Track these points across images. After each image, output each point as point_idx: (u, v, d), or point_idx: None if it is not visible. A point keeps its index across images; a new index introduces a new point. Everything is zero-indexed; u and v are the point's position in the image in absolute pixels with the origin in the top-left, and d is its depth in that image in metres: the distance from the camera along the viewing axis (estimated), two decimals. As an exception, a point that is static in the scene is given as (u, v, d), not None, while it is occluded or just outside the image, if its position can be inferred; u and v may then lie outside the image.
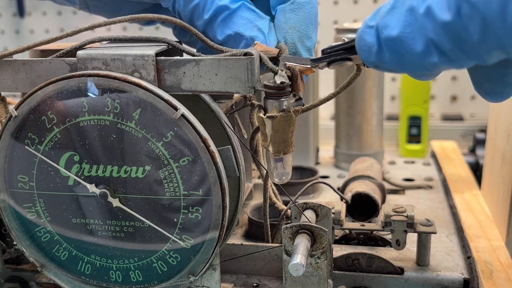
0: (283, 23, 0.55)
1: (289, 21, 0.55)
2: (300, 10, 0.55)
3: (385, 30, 0.42)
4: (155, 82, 0.51)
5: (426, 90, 1.15)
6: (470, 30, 0.38)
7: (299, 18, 0.55)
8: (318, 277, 0.55)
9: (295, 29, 0.55)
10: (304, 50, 0.56)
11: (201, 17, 0.56)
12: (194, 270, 0.55)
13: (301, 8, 0.55)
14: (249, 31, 0.55)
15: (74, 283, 0.59)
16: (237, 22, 0.55)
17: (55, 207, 0.56)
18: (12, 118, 0.53)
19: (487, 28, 0.37)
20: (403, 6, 0.42)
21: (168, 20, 0.54)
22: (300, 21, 0.55)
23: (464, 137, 1.28)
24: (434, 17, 0.39)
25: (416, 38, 0.41)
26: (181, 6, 0.57)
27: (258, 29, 0.55)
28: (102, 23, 0.54)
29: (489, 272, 0.66)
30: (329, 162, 1.13)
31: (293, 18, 0.55)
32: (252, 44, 0.53)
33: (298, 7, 0.55)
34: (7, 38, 1.65)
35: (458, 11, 0.38)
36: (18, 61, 0.54)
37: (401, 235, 0.64)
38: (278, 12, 0.56)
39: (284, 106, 0.51)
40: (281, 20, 0.56)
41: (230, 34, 0.55)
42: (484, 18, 0.37)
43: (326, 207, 0.61)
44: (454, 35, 0.39)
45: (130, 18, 0.54)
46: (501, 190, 0.78)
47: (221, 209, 0.52)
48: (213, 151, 0.51)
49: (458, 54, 0.40)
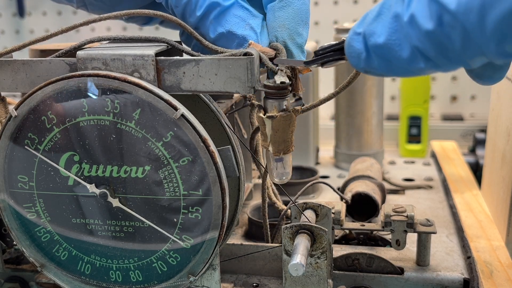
0: (273, 22, 0.55)
1: (278, 19, 0.55)
2: (289, 8, 0.55)
3: (372, 37, 0.43)
4: (155, 82, 0.51)
5: (426, 90, 1.15)
6: (452, 38, 0.38)
7: (288, 16, 0.55)
8: (318, 277, 0.55)
9: (284, 27, 0.55)
10: (295, 48, 0.55)
11: (193, 14, 0.56)
12: (194, 270, 0.55)
13: (290, 6, 0.55)
14: (241, 29, 0.54)
15: (74, 283, 0.59)
16: (230, 20, 0.55)
17: (55, 207, 0.56)
18: (12, 118, 0.53)
19: (468, 36, 0.37)
20: (388, 13, 0.42)
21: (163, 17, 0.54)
22: (289, 19, 0.55)
23: (464, 137, 1.28)
24: (418, 25, 0.39)
25: (402, 45, 0.41)
26: (173, 1, 0.57)
27: (251, 28, 0.55)
28: (97, 19, 0.53)
29: (489, 272, 0.66)
30: (329, 162, 1.13)
31: (282, 16, 0.55)
32: (247, 44, 0.53)
33: (287, 4, 0.55)
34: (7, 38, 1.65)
35: (440, 20, 0.38)
36: (18, 61, 0.54)
37: (401, 235, 0.64)
38: (268, 11, 0.56)
39: (284, 106, 0.51)
40: (270, 18, 0.55)
41: (223, 32, 0.55)
42: (464, 27, 0.37)
43: (326, 207, 0.61)
44: (437, 43, 0.39)
45: (125, 13, 0.54)
46: (501, 190, 0.78)
47: (221, 209, 0.52)
48: (213, 151, 0.51)
49: (442, 61, 0.40)
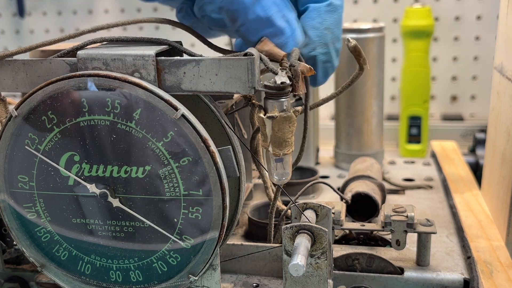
0: (318, 23, 0.56)
1: (325, 22, 0.56)
2: (335, 13, 0.56)
3: None
4: (155, 82, 0.51)
5: (426, 90, 1.15)
6: None
7: (333, 21, 0.56)
8: (318, 277, 0.55)
9: (329, 30, 0.56)
10: (334, 52, 0.57)
11: None
12: (194, 270, 0.55)
13: (336, 11, 0.56)
14: (279, 20, 0.53)
15: (74, 283, 0.59)
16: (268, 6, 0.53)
17: (55, 207, 0.56)
18: (12, 118, 0.53)
19: None
20: None
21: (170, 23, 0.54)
22: (334, 23, 0.56)
23: (464, 137, 1.28)
24: None
25: None
26: None
27: (287, 21, 0.53)
28: (105, 26, 0.54)
29: (489, 272, 0.66)
30: (329, 162, 1.13)
31: (328, 19, 0.56)
32: (261, 40, 0.53)
33: (333, 9, 0.56)
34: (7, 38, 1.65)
35: None
36: (18, 61, 0.54)
37: (401, 235, 0.64)
38: (312, 11, 0.56)
39: (284, 106, 0.51)
40: (316, 19, 0.56)
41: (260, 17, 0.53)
42: None
43: (326, 207, 0.61)
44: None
45: (133, 21, 0.55)
46: (501, 190, 0.78)
47: (221, 209, 0.52)
48: (213, 151, 0.51)
49: None
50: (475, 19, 1.28)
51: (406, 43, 1.13)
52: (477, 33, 1.28)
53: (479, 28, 1.28)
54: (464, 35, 1.29)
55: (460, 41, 1.30)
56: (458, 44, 1.30)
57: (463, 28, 1.29)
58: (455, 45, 1.30)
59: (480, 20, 1.27)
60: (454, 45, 1.30)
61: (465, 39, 1.29)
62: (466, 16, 1.28)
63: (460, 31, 1.29)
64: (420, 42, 1.12)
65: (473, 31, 1.28)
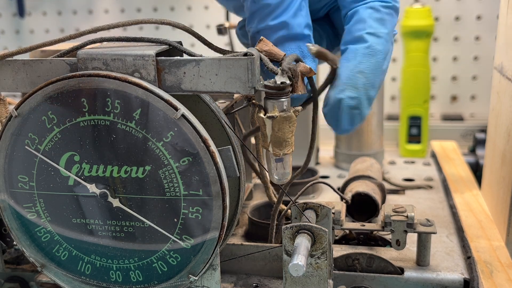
0: (353, 65, 0.53)
1: (360, 65, 0.53)
2: (373, 57, 0.53)
3: None
4: (155, 82, 0.51)
5: (426, 90, 1.15)
6: None
7: (370, 65, 0.53)
8: (318, 277, 0.55)
9: (363, 74, 0.53)
10: (365, 99, 0.53)
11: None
12: (194, 270, 0.55)
13: (374, 55, 0.53)
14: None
15: (74, 283, 0.59)
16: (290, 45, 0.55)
17: (55, 207, 0.56)
18: (12, 118, 0.53)
19: None
20: None
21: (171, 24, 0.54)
22: (370, 68, 0.53)
23: (464, 137, 1.28)
24: None
25: None
26: None
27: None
28: (105, 27, 0.54)
29: (489, 272, 0.66)
30: (329, 162, 1.13)
31: (364, 62, 0.53)
32: (259, 40, 0.53)
33: (372, 53, 0.53)
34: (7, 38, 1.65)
35: None
36: (18, 61, 0.54)
37: (401, 235, 0.64)
38: (350, 52, 0.54)
39: (284, 106, 0.51)
40: (351, 61, 0.54)
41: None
42: None
43: (326, 207, 0.61)
44: None
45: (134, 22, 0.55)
46: (501, 190, 0.78)
47: (221, 209, 0.52)
48: (213, 151, 0.51)
49: None
50: (475, 19, 1.28)
51: (406, 43, 1.13)
52: (477, 33, 1.28)
53: (479, 28, 1.28)
54: (464, 35, 1.29)
55: (460, 41, 1.30)
56: (458, 44, 1.30)
57: (463, 28, 1.29)
58: (455, 45, 1.30)
59: (480, 20, 1.27)
60: (454, 45, 1.30)
61: (465, 39, 1.29)
62: (466, 16, 1.28)
63: (460, 31, 1.29)
64: (420, 42, 1.12)
65: (473, 31, 1.28)
